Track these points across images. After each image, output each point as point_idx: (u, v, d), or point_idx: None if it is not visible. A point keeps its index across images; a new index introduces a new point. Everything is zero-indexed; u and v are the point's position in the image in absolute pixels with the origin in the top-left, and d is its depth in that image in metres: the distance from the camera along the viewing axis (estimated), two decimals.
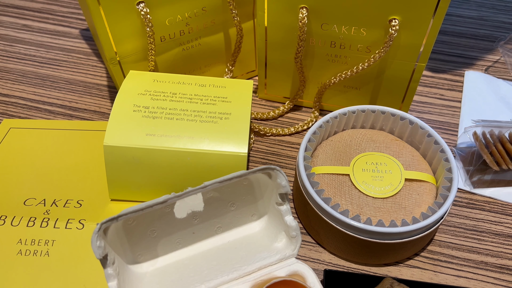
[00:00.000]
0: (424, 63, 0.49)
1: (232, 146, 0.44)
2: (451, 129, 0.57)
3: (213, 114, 0.46)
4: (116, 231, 0.38)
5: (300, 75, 0.54)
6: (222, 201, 0.43)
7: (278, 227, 0.42)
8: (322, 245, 0.47)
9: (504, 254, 0.46)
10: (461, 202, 0.50)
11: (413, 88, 0.52)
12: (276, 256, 0.40)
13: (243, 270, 0.40)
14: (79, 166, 0.51)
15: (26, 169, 0.51)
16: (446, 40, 0.69)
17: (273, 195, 0.41)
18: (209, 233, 0.43)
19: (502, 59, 0.65)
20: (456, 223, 0.48)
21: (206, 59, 0.57)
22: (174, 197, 0.37)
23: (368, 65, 0.50)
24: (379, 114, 0.50)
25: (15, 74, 0.64)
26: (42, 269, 0.43)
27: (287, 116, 0.59)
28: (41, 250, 0.44)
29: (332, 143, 0.50)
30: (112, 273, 0.36)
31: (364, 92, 0.55)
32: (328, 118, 0.49)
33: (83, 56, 0.66)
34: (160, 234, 0.41)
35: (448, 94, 0.61)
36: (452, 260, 0.46)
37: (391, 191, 0.44)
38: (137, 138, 0.44)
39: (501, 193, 0.50)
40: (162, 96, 0.47)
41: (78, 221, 0.46)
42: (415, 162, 0.47)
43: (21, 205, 0.47)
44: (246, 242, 0.43)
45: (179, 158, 0.44)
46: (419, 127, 0.48)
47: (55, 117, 0.58)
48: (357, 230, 0.41)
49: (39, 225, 0.45)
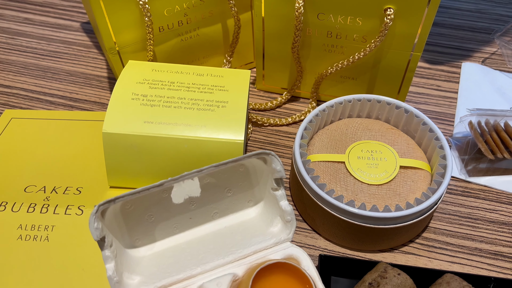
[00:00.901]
0: (420, 52, 0.50)
1: (229, 134, 0.45)
2: (448, 119, 0.58)
3: (210, 103, 0.47)
4: (114, 215, 0.39)
5: (297, 65, 0.55)
6: (219, 187, 0.43)
7: (274, 212, 0.43)
8: (317, 231, 0.47)
9: (498, 241, 0.46)
10: (456, 191, 0.51)
11: (409, 78, 0.53)
12: (271, 240, 0.41)
13: (239, 254, 0.40)
14: (79, 154, 0.52)
15: (27, 157, 0.52)
16: (444, 32, 0.69)
17: (268, 180, 0.42)
18: (206, 219, 0.44)
19: (499, 51, 0.66)
20: (451, 210, 0.49)
21: (205, 50, 0.58)
22: (170, 181, 0.37)
23: (364, 54, 0.50)
24: (374, 103, 0.50)
25: (17, 66, 0.65)
26: (41, 254, 0.43)
27: (285, 107, 0.60)
28: (41, 235, 0.44)
29: (328, 132, 0.50)
30: (110, 255, 0.37)
31: (360, 82, 0.55)
32: (324, 107, 0.50)
33: (83, 49, 0.67)
34: (157, 219, 0.42)
35: (445, 85, 0.62)
36: (446, 247, 0.46)
37: (386, 178, 0.45)
38: (135, 125, 0.45)
39: (496, 181, 0.51)
40: (160, 85, 0.48)
41: (77, 207, 0.47)
42: (410, 150, 0.48)
43: (22, 192, 0.48)
44: (242, 227, 0.44)
45: (176, 145, 0.45)
46: (414, 116, 0.49)
47: (56, 108, 0.59)
48: (352, 215, 0.42)
49: (39, 211, 0.46)
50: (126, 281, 0.38)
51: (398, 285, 0.39)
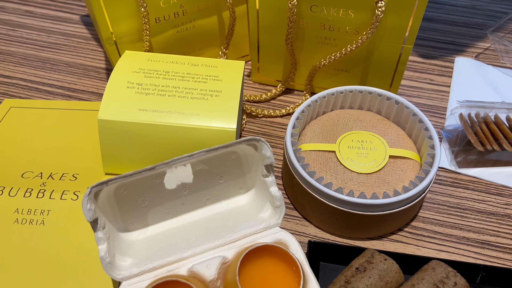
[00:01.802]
0: (411, 45, 0.51)
1: (222, 122, 0.46)
2: (440, 112, 0.58)
3: (204, 92, 0.48)
4: (107, 199, 0.40)
5: (291, 57, 0.56)
6: (211, 173, 0.44)
7: (264, 198, 0.43)
8: (308, 219, 0.48)
9: (485, 230, 0.47)
10: (446, 181, 0.51)
11: (401, 70, 0.54)
12: (261, 225, 0.42)
13: (229, 238, 0.41)
14: (75, 142, 0.53)
15: (25, 145, 0.53)
16: (438, 28, 0.70)
17: (259, 167, 0.43)
18: (198, 205, 0.45)
19: (492, 47, 0.66)
20: (440, 200, 0.50)
21: (200, 42, 0.58)
22: (162, 164, 0.38)
23: (356, 46, 0.51)
24: (366, 95, 0.51)
25: (17, 57, 0.66)
26: (37, 237, 0.44)
27: (279, 99, 0.61)
28: (36, 219, 0.45)
29: (320, 122, 0.51)
30: (102, 237, 0.38)
31: (353, 75, 0.56)
32: (316, 98, 0.51)
33: (82, 41, 0.68)
34: (150, 204, 0.43)
35: (438, 79, 0.62)
36: (434, 236, 0.47)
37: (375, 167, 0.46)
38: (130, 113, 0.46)
39: (485, 173, 0.52)
40: (155, 74, 0.49)
41: (72, 193, 0.48)
42: (400, 140, 0.49)
43: (19, 178, 0.49)
44: (233, 213, 0.44)
45: (170, 133, 0.46)
46: (404, 107, 0.49)
47: (55, 98, 0.60)
48: (340, 202, 0.43)
49: (35, 196, 0.47)
50: (118, 262, 0.39)
51: (384, 270, 0.40)
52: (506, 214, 0.48)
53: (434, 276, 0.39)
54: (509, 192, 0.50)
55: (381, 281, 0.39)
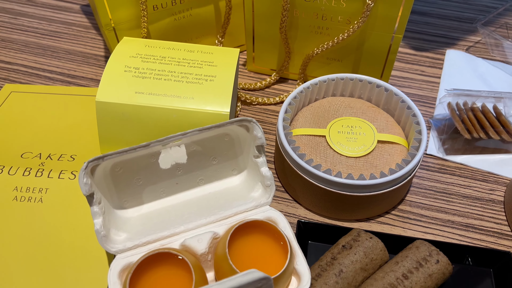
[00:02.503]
0: (401, 34, 0.52)
1: (216, 106, 0.47)
2: (429, 102, 0.60)
3: (199, 76, 0.49)
4: (103, 176, 0.42)
5: (285, 46, 0.57)
6: (205, 155, 0.46)
7: (255, 179, 0.45)
8: (298, 201, 0.50)
9: (470, 214, 0.49)
10: (434, 168, 0.53)
11: (392, 60, 0.55)
12: (251, 203, 0.43)
13: (220, 215, 0.43)
14: (74, 126, 0.55)
15: (24, 127, 0.54)
16: (431, 21, 0.72)
17: (251, 149, 0.44)
18: (192, 185, 0.46)
19: (483, 40, 0.68)
20: (427, 186, 0.51)
21: (197, 31, 0.60)
22: (157, 142, 0.40)
23: (347, 35, 0.52)
24: (357, 82, 0.53)
25: (18, 44, 0.67)
26: (35, 214, 0.46)
27: (274, 88, 0.62)
28: (35, 197, 0.47)
29: (312, 109, 0.52)
30: (98, 211, 0.39)
31: (346, 64, 0.58)
32: (308, 85, 0.52)
33: (83, 30, 0.70)
34: (145, 182, 0.45)
35: (429, 71, 0.64)
36: (421, 219, 0.48)
37: (363, 151, 0.47)
38: (126, 95, 0.47)
39: (471, 160, 0.53)
40: (152, 59, 0.50)
41: (70, 172, 0.49)
42: (388, 126, 0.50)
43: (18, 158, 0.50)
44: (226, 193, 0.46)
45: (165, 115, 0.47)
46: (393, 94, 0.51)
47: (54, 84, 0.62)
48: (328, 183, 0.44)
49: (34, 175, 0.49)
50: (113, 237, 0.41)
51: (369, 247, 0.41)
52: (490, 199, 0.50)
53: (418, 254, 0.41)
54: (495, 178, 0.52)
55: (366, 257, 0.41)
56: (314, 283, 0.39)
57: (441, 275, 0.40)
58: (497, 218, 0.48)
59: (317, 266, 0.41)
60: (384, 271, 0.40)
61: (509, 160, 0.53)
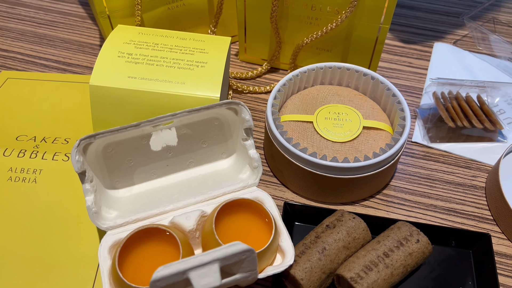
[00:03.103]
0: (388, 25, 0.54)
1: (206, 91, 0.49)
2: (416, 92, 0.61)
3: (191, 62, 0.50)
4: (96, 156, 0.43)
5: (276, 36, 0.59)
6: (195, 138, 0.47)
7: (244, 161, 0.46)
8: (286, 185, 0.51)
9: (452, 199, 0.50)
10: (418, 155, 0.54)
11: (379, 50, 0.57)
12: (239, 184, 0.45)
13: (209, 195, 0.44)
14: (68, 111, 0.56)
15: (20, 112, 0.56)
16: (420, 15, 0.73)
17: (239, 132, 0.46)
18: (182, 167, 0.48)
19: (470, 34, 0.69)
20: (412, 172, 0.53)
21: (190, 20, 0.61)
22: (147, 122, 0.41)
23: (336, 25, 0.54)
24: (344, 71, 0.54)
25: (15, 33, 0.68)
26: (29, 194, 0.47)
27: (265, 77, 0.63)
28: (29, 177, 0.48)
29: (301, 96, 0.54)
30: (90, 189, 0.41)
31: (335, 54, 0.59)
32: (297, 72, 0.54)
33: (78, 19, 0.71)
34: (136, 164, 0.46)
35: (417, 63, 0.65)
36: (404, 203, 0.50)
37: (349, 137, 0.49)
38: (120, 80, 0.49)
39: (455, 148, 0.55)
40: (145, 46, 0.51)
41: (64, 154, 0.50)
42: (374, 113, 0.52)
43: (13, 140, 0.52)
44: (215, 175, 0.47)
45: (157, 99, 0.49)
46: (379, 82, 0.52)
47: (50, 71, 0.63)
48: (314, 166, 0.45)
49: (28, 156, 0.50)
50: (104, 214, 0.42)
51: (352, 227, 0.43)
52: (472, 185, 0.51)
53: (399, 234, 0.42)
54: (477, 165, 0.53)
55: (349, 236, 0.42)
56: (298, 260, 0.40)
57: (421, 254, 0.42)
58: (478, 203, 0.50)
59: (301, 244, 0.42)
60: (366, 249, 0.42)
61: (491, 148, 0.54)
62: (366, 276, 0.39)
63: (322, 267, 0.40)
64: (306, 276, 0.39)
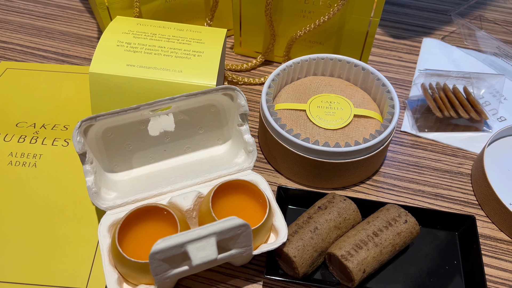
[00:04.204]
0: (378, 18, 0.56)
1: (203, 79, 0.50)
2: (406, 85, 0.64)
3: (187, 52, 0.52)
4: (95, 139, 0.44)
5: (270, 29, 0.61)
6: (192, 124, 0.49)
7: (239, 146, 0.48)
8: (279, 171, 0.53)
9: (439, 184, 0.52)
10: (407, 143, 0.56)
11: (370, 42, 0.59)
12: (235, 167, 0.46)
13: (205, 177, 0.45)
14: (67, 100, 0.57)
15: (19, 100, 0.57)
16: (410, 12, 0.76)
17: (235, 118, 0.47)
18: (179, 152, 0.49)
19: (457, 30, 0.72)
20: (401, 159, 0.55)
21: (187, 13, 0.63)
22: (146, 105, 0.43)
23: (328, 18, 0.56)
24: (336, 62, 0.56)
25: (14, 25, 0.70)
26: (29, 178, 0.48)
27: (259, 69, 0.65)
28: (29, 162, 0.49)
29: (294, 86, 0.56)
30: (90, 170, 0.42)
31: (327, 47, 0.61)
32: (291, 63, 0.56)
33: (76, 13, 0.72)
34: (134, 148, 0.47)
35: (406, 57, 0.68)
36: (393, 188, 0.52)
37: (341, 124, 0.51)
38: (119, 67, 0.50)
39: (442, 137, 0.57)
40: (143, 36, 0.53)
41: (63, 140, 0.52)
42: (365, 102, 0.53)
43: (13, 127, 0.53)
44: (211, 160, 0.49)
45: (154, 87, 0.50)
46: (370, 73, 0.54)
47: (49, 62, 0.64)
48: (306, 150, 0.47)
49: (28, 142, 0.51)
50: (103, 195, 0.43)
51: (343, 208, 0.44)
52: (458, 172, 0.53)
53: (388, 215, 0.44)
54: (463, 153, 0.55)
55: (340, 217, 0.44)
56: (291, 239, 0.42)
57: (409, 234, 0.44)
58: (464, 188, 0.52)
59: (294, 224, 0.44)
60: (356, 229, 0.43)
61: (477, 137, 0.56)
62: (356, 254, 0.41)
63: (314, 246, 0.42)
64: (298, 254, 0.41)
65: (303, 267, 0.41)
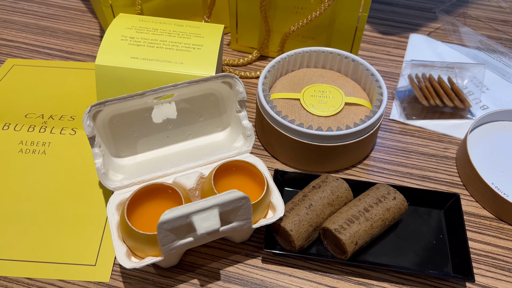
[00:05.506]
0: (366, 13, 0.59)
1: (202, 70, 0.53)
2: (394, 77, 0.67)
3: (188, 45, 0.55)
4: (102, 126, 0.47)
5: (265, 25, 0.64)
6: (193, 112, 0.52)
7: (237, 132, 0.51)
8: (275, 157, 0.56)
9: (426, 167, 0.55)
10: (396, 130, 0.60)
11: (359, 37, 0.62)
12: (234, 151, 0.49)
13: (207, 160, 0.48)
14: (72, 93, 0.60)
15: (27, 94, 0.60)
16: (397, 10, 0.79)
17: (234, 105, 0.50)
18: (181, 138, 0.52)
19: (442, 27, 0.76)
20: (390, 145, 0.58)
21: (186, 11, 0.66)
22: (151, 91, 0.46)
23: (319, 13, 0.59)
24: (327, 54, 0.60)
25: (19, 25, 0.73)
26: (39, 164, 0.51)
27: (255, 64, 0.69)
28: (39, 149, 0.52)
29: (288, 78, 0.59)
30: (99, 153, 0.45)
31: (319, 42, 0.65)
32: (285, 56, 0.59)
33: (79, 13, 0.76)
34: (139, 135, 0.50)
35: (394, 51, 0.71)
36: (383, 171, 0.55)
37: (332, 111, 0.54)
38: (123, 60, 0.53)
39: (429, 124, 0.60)
40: (145, 31, 0.56)
41: (71, 129, 0.54)
42: (355, 92, 0.57)
43: (23, 117, 0.56)
44: (211, 145, 0.52)
45: (157, 78, 0.53)
46: (359, 64, 0.58)
47: (54, 59, 0.67)
48: (301, 135, 0.50)
49: (37, 131, 0.54)
50: (111, 177, 0.46)
51: (335, 186, 0.48)
52: (444, 156, 0.57)
53: (378, 193, 0.47)
54: (449, 139, 0.59)
55: (333, 195, 0.47)
56: (288, 215, 0.45)
57: (398, 210, 0.47)
58: (450, 171, 0.55)
59: (290, 203, 0.47)
60: (348, 206, 0.47)
61: (461, 124, 0.60)
62: (348, 228, 0.44)
63: (309, 221, 0.45)
64: (295, 228, 0.44)
65: (299, 241, 0.44)
